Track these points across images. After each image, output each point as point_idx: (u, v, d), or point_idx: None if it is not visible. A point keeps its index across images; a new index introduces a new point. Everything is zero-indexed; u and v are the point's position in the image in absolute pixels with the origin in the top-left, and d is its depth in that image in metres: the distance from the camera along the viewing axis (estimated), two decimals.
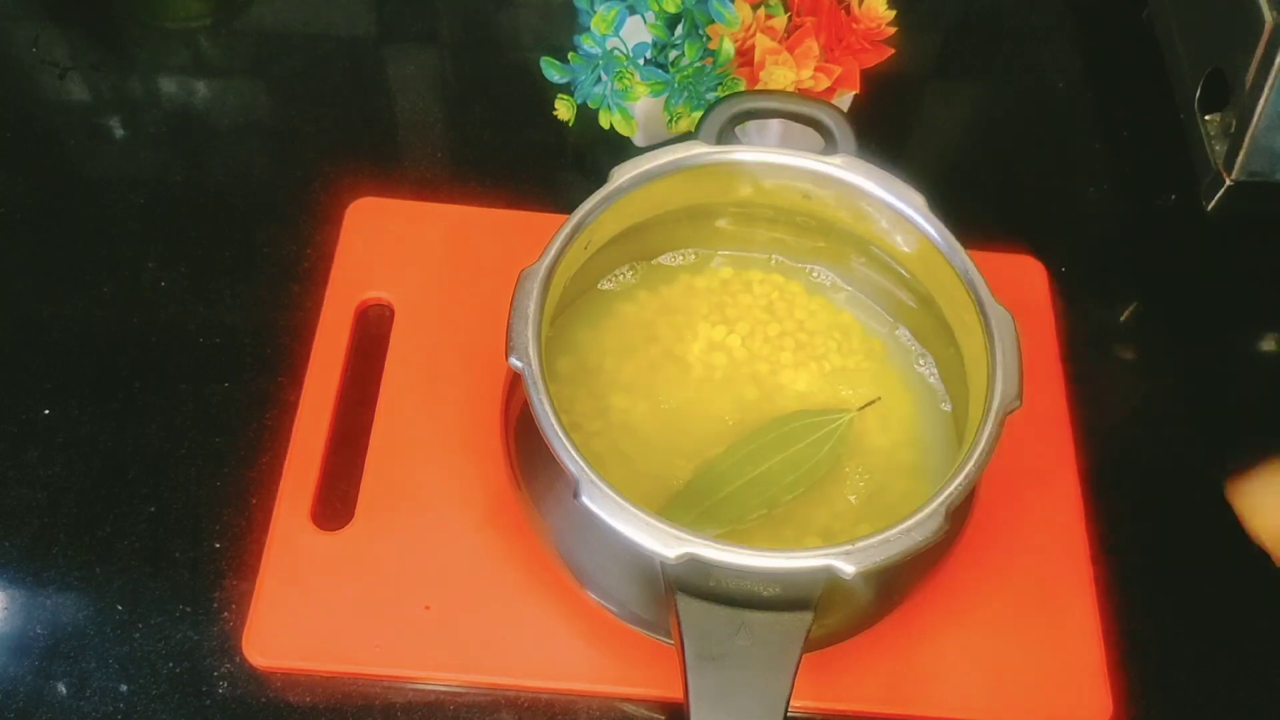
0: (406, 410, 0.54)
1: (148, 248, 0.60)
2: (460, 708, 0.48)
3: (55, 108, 0.66)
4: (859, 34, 0.58)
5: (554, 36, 0.70)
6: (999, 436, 0.43)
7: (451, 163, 0.65)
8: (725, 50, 0.57)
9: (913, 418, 0.52)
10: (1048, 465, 0.55)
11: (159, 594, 0.50)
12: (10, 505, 0.51)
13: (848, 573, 0.39)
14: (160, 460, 0.53)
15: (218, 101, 0.66)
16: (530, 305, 0.44)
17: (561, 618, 0.49)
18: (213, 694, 0.47)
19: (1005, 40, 0.75)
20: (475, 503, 0.52)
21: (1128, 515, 0.55)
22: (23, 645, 0.48)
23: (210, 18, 0.70)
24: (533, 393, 0.42)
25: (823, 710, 0.49)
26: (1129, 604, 0.52)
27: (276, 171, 0.64)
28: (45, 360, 0.56)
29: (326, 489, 0.52)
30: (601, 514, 0.40)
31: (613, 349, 0.52)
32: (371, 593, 0.49)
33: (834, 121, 0.49)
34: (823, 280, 0.55)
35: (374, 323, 0.57)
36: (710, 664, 0.39)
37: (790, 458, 0.48)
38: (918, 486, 0.50)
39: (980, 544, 0.51)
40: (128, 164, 0.64)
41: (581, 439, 0.47)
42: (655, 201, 0.50)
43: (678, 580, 0.40)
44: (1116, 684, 0.50)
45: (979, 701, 0.49)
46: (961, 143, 0.70)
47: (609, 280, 0.54)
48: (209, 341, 0.57)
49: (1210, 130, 0.66)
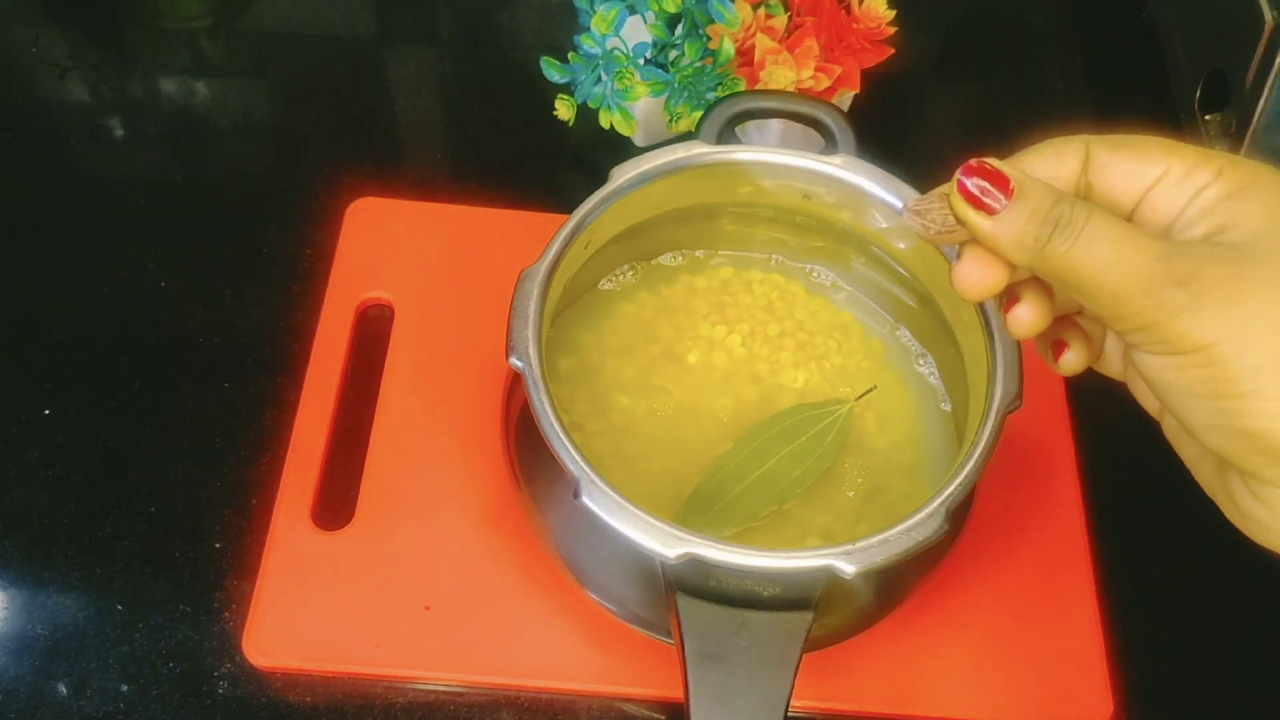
0: (406, 410, 0.54)
1: (148, 248, 0.60)
2: (460, 708, 0.48)
3: (55, 108, 0.66)
4: (859, 34, 0.58)
5: (554, 36, 0.70)
6: (999, 436, 0.43)
7: (451, 163, 0.65)
8: (725, 50, 0.57)
9: (913, 418, 0.52)
10: (1048, 465, 0.55)
11: (159, 594, 0.50)
12: (10, 505, 0.51)
13: (848, 573, 0.39)
14: (160, 460, 0.53)
15: (218, 101, 0.66)
16: (530, 305, 0.44)
17: (561, 618, 0.49)
18: (213, 694, 0.47)
19: (1005, 40, 0.75)
20: (475, 503, 0.52)
21: (1128, 515, 0.55)
22: (23, 645, 0.48)
23: (210, 18, 0.70)
24: (533, 393, 0.42)
25: (823, 710, 0.49)
26: (1129, 604, 0.52)
27: (276, 171, 0.64)
28: (45, 360, 0.56)
29: (326, 489, 0.52)
30: (602, 514, 0.40)
31: (613, 349, 0.52)
32: (371, 593, 0.49)
33: (834, 121, 0.49)
34: (823, 280, 0.55)
35: (374, 323, 0.57)
36: (710, 664, 0.39)
37: (794, 452, 0.48)
38: (917, 486, 0.50)
39: (980, 544, 0.51)
40: (128, 164, 0.64)
41: (582, 439, 0.47)
42: (655, 201, 0.50)
43: (678, 580, 0.40)
44: (1116, 684, 0.50)
45: (979, 701, 0.49)
46: (961, 143, 0.70)
47: (609, 280, 0.54)
48: (209, 341, 0.57)
49: (1210, 130, 0.66)
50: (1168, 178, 0.32)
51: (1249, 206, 0.31)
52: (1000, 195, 0.32)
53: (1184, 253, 0.30)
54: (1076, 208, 0.31)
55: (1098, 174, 0.33)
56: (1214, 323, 0.30)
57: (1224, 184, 0.32)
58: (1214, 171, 0.32)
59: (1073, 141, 0.34)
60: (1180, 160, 0.32)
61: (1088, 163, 0.34)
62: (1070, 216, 0.31)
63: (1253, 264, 0.30)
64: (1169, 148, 0.33)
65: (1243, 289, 0.30)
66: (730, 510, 0.47)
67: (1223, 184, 0.32)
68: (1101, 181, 0.33)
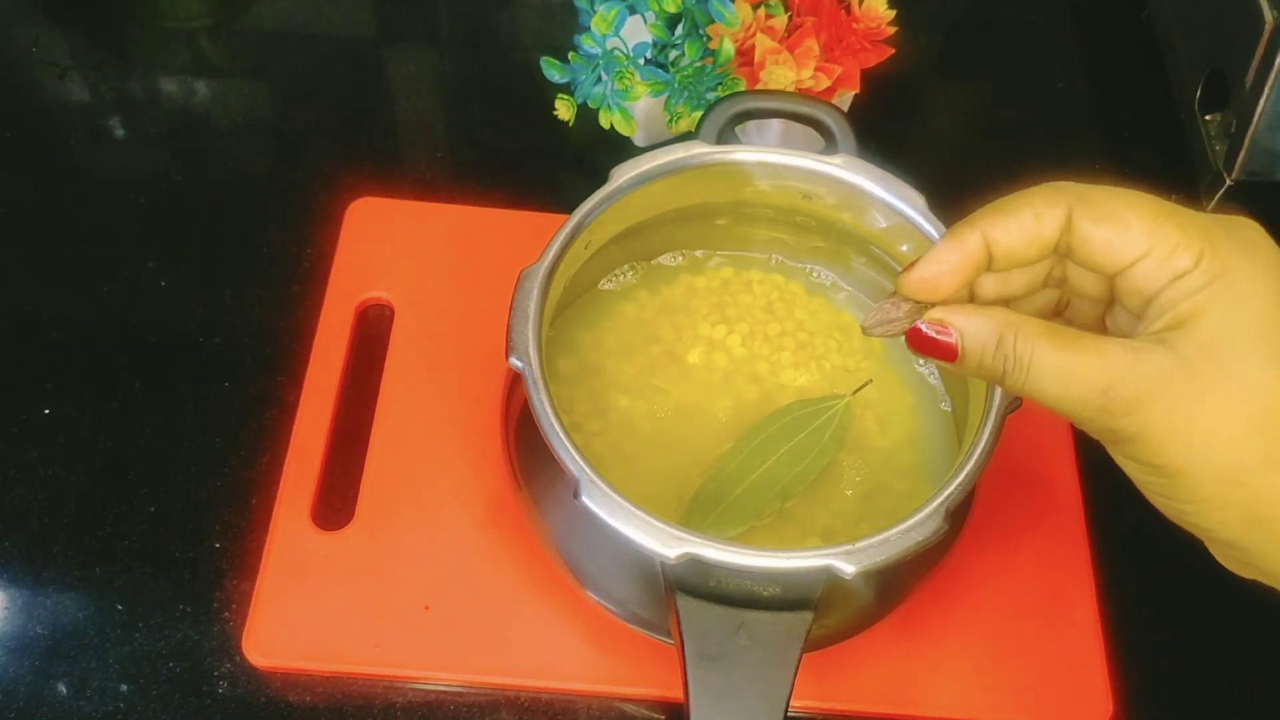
0: (406, 410, 0.54)
1: (148, 248, 0.60)
2: (460, 708, 0.48)
3: (55, 108, 0.66)
4: (859, 34, 0.58)
5: (554, 36, 0.70)
6: (999, 436, 0.43)
7: (451, 163, 0.65)
8: (725, 50, 0.57)
9: (913, 418, 0.52)
10: (1048, 465, 0.55)
11: (159, 594, 0.50)
12: (10, 505, 0.51)
13: (848, 573, 0.39)
14: (160, 460, 0.53)
15: (218, 101, 0.66)
16: (530, 305, 0.44)
17: (561, 618, 0.49)
18: (213, 694, 0.47)
19: (1005, 40, 0.75)
20: (475, 503, 0.52)
21: (1128, 515, 0.54)
22: (23, 645, 0.48)
23: (210, 18, 0.70)
24: (533, 393, 0.42)
25: (823, 710, 0.49)
26: (1129, 604, 0.52)
27: (276, 171, 0.64)
28: (45, 360, 0.56)
29: (326, 489, 0.52)
30: (602, 514, 0.40)
31: (613, 349, 0.52)
32: (371, 593, 0.49)
33: (834, 121, 0.49)
34: (823, 280, 0.55)
35: (374, 323, 0.57)
36: (710, 664, 0.39)
37: (794, 449, 0.48)
38: (917, 486, 0.50)
39: (980, 544, 0.51)
40: (128, 164, 0.64)
41: (582, 439, 0.47)
42: (655, 201, 0.50)
43: (678, 580, 0.40)
44: (1116, 684, 0.50)
45: (979, 701, 0.49)
46: (961, 143, 0.70)
47: (609, 280, 0.54)
48: (209, 341, 0.57)
49: (1210, 130, 0.66)
50: (1147, 260, 0.32)
51: (1216, 302, 0.31)
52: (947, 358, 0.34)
53: (1131, 376, 0.31)
54: (1020, 345, 0.32)
55: (1079, 244, 0.33)
56: (1159, 448, 0.31)
57: (1200, 274, 0.31)
58: (1194, 258, 0.31)
59: (1054, 204, 0.33)
60: (1162, 242, 0.32)
61: (1070, 229, 0.33)
62: (1015, 355, 0.32)
63: (1201, 379, 0.30)
64: (1152, 227, 0.32)
65: (1189, 410, 0.30)
66: (733, 511, 0.47)
67: (1199, 274, 0.31)
68: (1082, 250, 0.33)
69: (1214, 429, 0.30)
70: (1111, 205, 0.33)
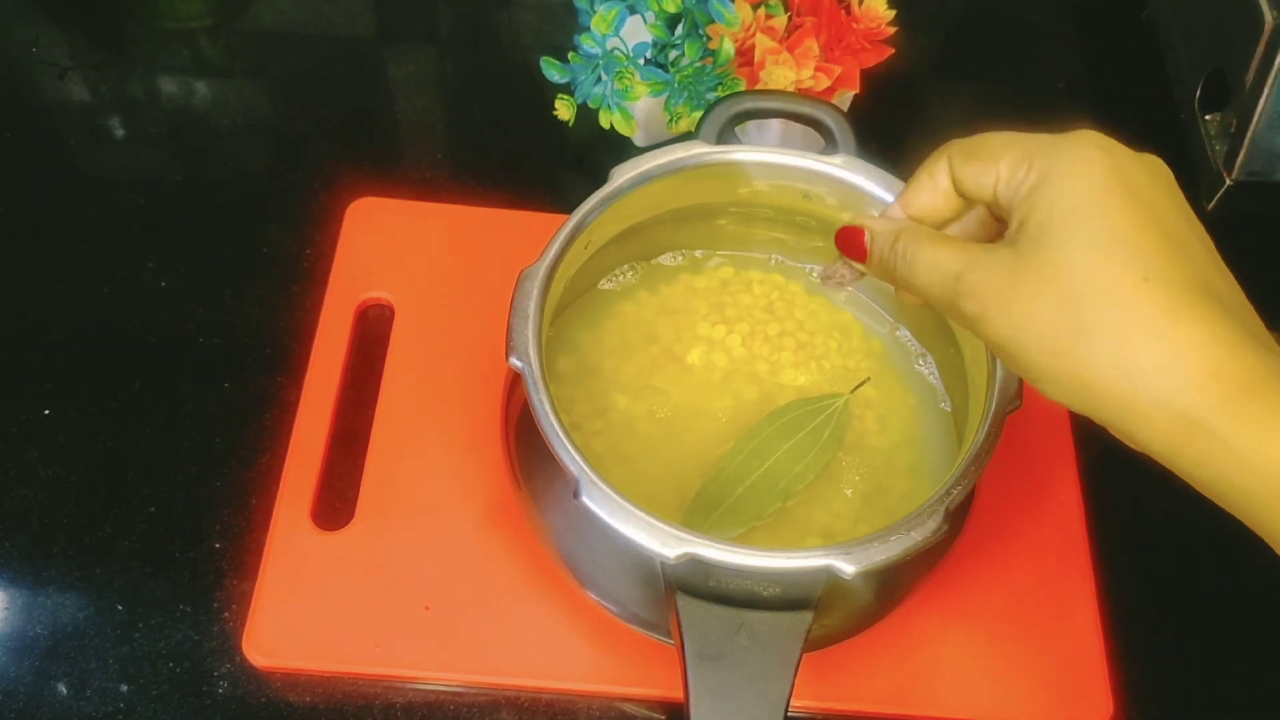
0: (406, 410, 0.54)
1: (148, 248, 0.60)
2: (460, 708, 0.48)
3: (55, 108, 0.66)
4: (859, 34, 0.58)
5: (554, 36, 0.70)
6: (999, 436, 0.43)
7: (451, 163, 0.65)
8: (725, 50, 0.57)
9: (913, 418, 0.52)
10: (1048, 465, 0.55)
11: (159, 594, 0.50)
12: (10, 505, 0.51)
13: (848, 573, 0.39)
14: (160, 460, 0.53)
15: (218, 101, 0.66)
16: (530, 305, 0.44)
17: (561, 618, 0.49)
18: (213, 694, 0.47)
19: (1005, 40, 0.75)
20: (475, 503, 0.52)
21: (1128, 515, 0.55)
22: (23, 645, 0.48)
23: (210, 18, 0.70)
24: (533, 393, 0.42)
25: (823, 710, 0.49)
26: (1129, 604, 0.52)
27: (276, 171, 0.64)
28: (45, 360, 0.56)
29: (326, 489, 0.52)
30: (601, 514, 0.40)
31: (613, 349, 0.52)
32: (371, 593, 0.49)
33: (834, 121, 0.49)
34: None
35: (374, 323, 0.57)
36: (710, 664, 0.39)
37: (794, 448, 0.48)
38: (917, 486, 0.50)
39: (980, 544, 0.51)
40: (128, 164, 0.64)
41: (582, 439, 0.47)
42: (655, 201, 0.50)
43: (678, 580, 0.40)
44: (1116, 684, 0.50)
45: (979, 701, 0.49)
46: None
47: (609, 280, 0.54)
48: (209, 341, 0.57)
49: (1210, 130, 0.66)
50: (1000, 183, 0.36)
51: (1040, 200, 0.35)
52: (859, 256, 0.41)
53: (977, 266, 0.36)
54: (907, 244, 0.38)
55: (958, 183, 0.38)
56: (993, 326, 0.35)
57: (1033, 177, 0.35)
58: (1026, 169, 0.35)
59: (938, 160, 0.39)
60: (1008, 165, 0.36)
61: (953, 175, 0.38)
62: (903, 252, 0.38)
63: (1025, 263, 0.34)
64: (1006, 146, 0.36)
65: (1017, 293, 0.34)
66: (735, 511, 0.47)
67: (1032, 177, 0.35)
68: (961, 187, 0.38)
69: (1031, 306, 0.34)
70: (977, 145, 0.37)
